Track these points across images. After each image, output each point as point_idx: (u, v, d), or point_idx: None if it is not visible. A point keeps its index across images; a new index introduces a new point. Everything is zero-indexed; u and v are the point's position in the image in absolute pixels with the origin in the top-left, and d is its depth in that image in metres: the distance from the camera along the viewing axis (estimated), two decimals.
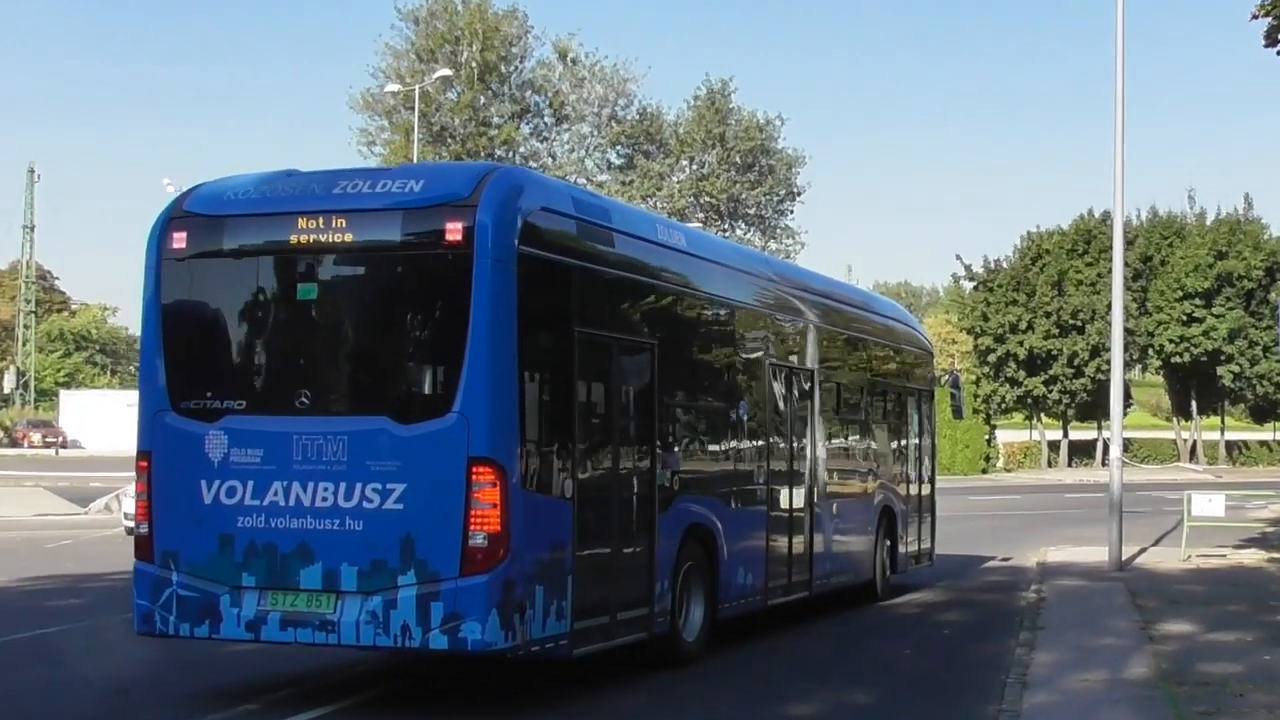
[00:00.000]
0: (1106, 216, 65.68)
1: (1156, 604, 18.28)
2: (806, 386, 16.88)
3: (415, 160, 55.29)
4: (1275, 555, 24.73)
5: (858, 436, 18.96)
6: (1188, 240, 70.68)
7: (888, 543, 19.67)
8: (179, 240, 11.44)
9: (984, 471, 65.17)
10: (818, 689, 13.14)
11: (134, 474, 11.62)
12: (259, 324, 11.49)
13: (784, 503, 15.95)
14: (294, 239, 11.05)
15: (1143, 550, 26.16)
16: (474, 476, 10.35)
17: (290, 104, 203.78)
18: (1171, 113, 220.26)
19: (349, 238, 10.94)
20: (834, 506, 17.58)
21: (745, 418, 15.04)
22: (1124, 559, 23.50)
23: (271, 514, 10.86)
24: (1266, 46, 17.62)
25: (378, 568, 10.50)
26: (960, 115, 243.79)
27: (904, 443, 20.75)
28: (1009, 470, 69.51)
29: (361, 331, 11.33)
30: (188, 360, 11.45)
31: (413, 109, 62.21)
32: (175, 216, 11.55)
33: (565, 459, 11.32)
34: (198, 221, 11.43)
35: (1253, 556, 25.15)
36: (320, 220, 10.99)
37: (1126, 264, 61.62)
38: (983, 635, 16.65)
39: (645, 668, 12.99)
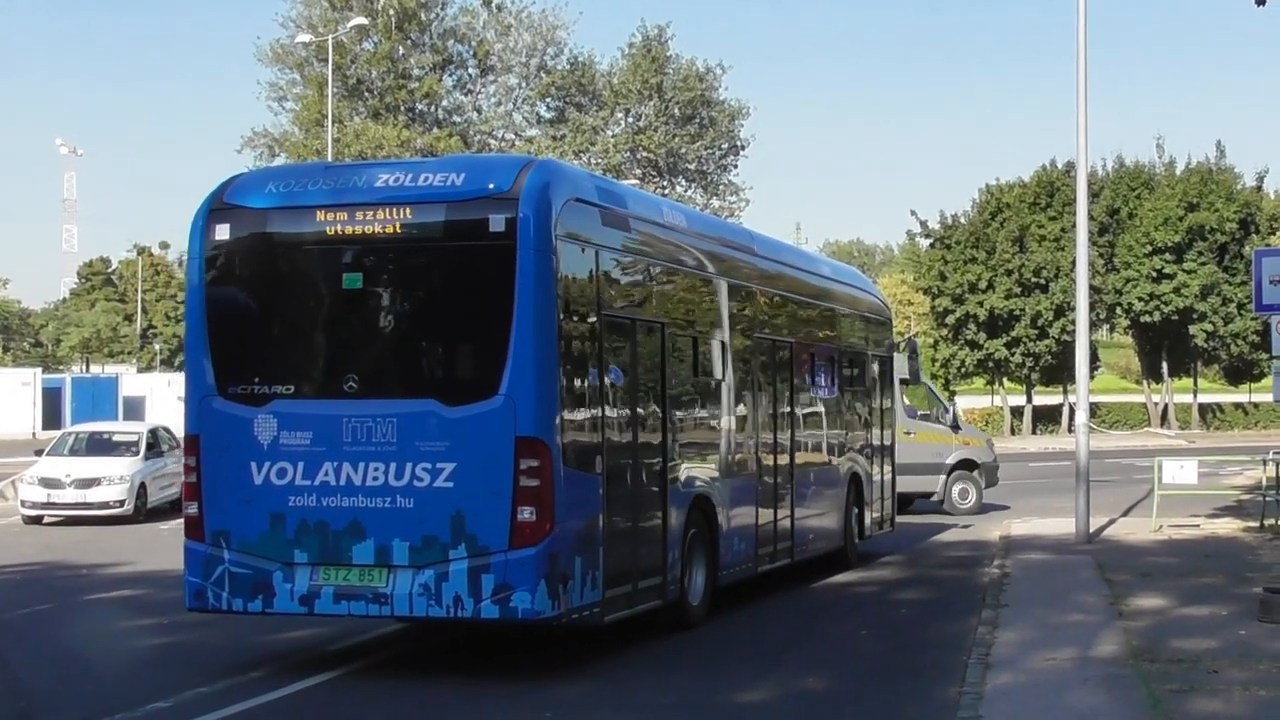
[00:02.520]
0: (1070, 167, 65.99)
1: (1126, 578, 18.49)
2: (787, 359, 18.40)
3: (330, 115, 54.87)
4: (1251, 524, 25.05)
5: (829, 406, 20.31)
6: (1156, 192, 71.14)
7: (855, 510, 21.07)
8: (221, 232, 12.73)
9: None
10: (767, 673, 13.23)
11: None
12: (305, 312, 12.83)
13: (770, 473, 17.52)
14: (339, 230, 12.39)
15: (1112, 521, 26.43)
16: (521, 455, 11.76)
17: (193, 57, 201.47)
18: (1138, 55, 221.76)
19: (394, 229, 12.29)
20: (811, 476, 19.22)
21: (737, 391, 16.51)
22: (1092, 531, 23.74)
23: (323, 493, 12.22)
24: (1259, 4, 17.80)
25: (429, 543, 11.92)
26: (914, 61, 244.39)
27: (867, 411, 22.25)
28: None
29: (408, 318, 12.66)
30: (234, 347, 12.72)
31: (326, 61, 61.71)
32: (215, 209, 12.81)
33: (596, 436, 12.80)
34: (240, 213, 12.73)
35: (1227, 526, 25.47)
36: (365, 213, 12.32)
37: (1092, 217, 62.06)
38: (943, 614, 16.81)
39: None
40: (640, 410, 13.89)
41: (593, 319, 12.96)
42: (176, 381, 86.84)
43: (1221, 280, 68.78)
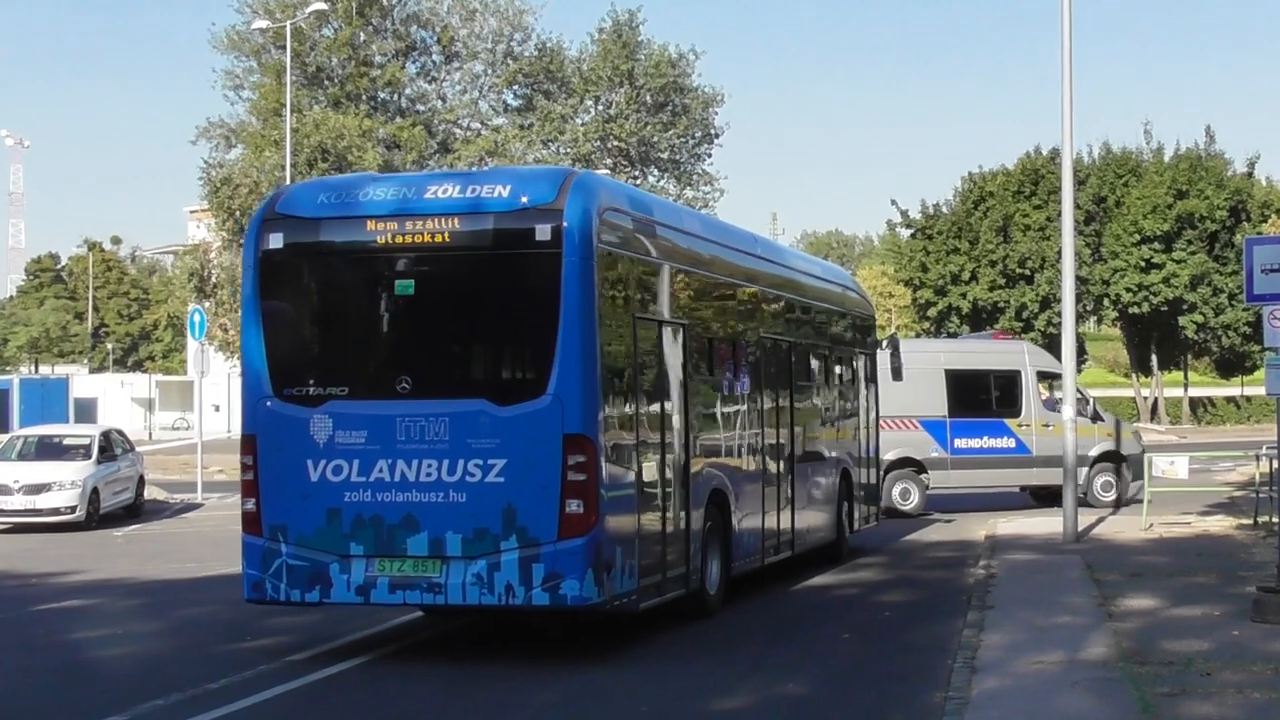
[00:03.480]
0: (1055, 154, 66.23)
1: (1116, 578, 18.54)
2: (788, 358, 19.60)
3: (289, 104, 54.70)
4: (1244, 522, 25.15)
5: (823, 403, 21.55)
6: (1144, 179, 71.44)
7: (846, 505, 22.09)
8: (275, 241, 13.80)
9: None
10: (745, 678, 13.21)
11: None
12: (358, 317, 14.08)
13: (774, 467, 18.66)
14: (391, 239, 13.50)
15: (1100, 520, 26.52)
16: (569, 451, 12.93)
17: (145, 44, 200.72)
18: (1124, 37, 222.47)
19: (444, 238, 13.40)
20: (809, 471, 20.34)
21: (746, 389, 17.71)
22: (1080, 529, 23.81)
23: (377, 489, 13.29)
24: None
25: (481, 535, 13.05)
26: (894, 46, 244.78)
27: (856, 408, 23.43)
28: None
29: (458, 323, 13.75)
30: (289, 350, 13.86)
31: (284, 48, 61.46)
32: (268, 219, 13.95)
33: (630, 434, 13.93)
34: (292, 223, 13.82)
35: (1220, 524, 25.56)
36: (415, 222, 13.43)
37: (1078, 206, 62.30)
38: (928, 616, 16.81)
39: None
40: (666, 408, 14.96)
41: (626, 322, 14.06)
42: (131, 382, 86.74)
43: (1212, 270, 69.08)
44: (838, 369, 22.33)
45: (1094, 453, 29.66)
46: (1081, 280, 63.95)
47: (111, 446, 31.26)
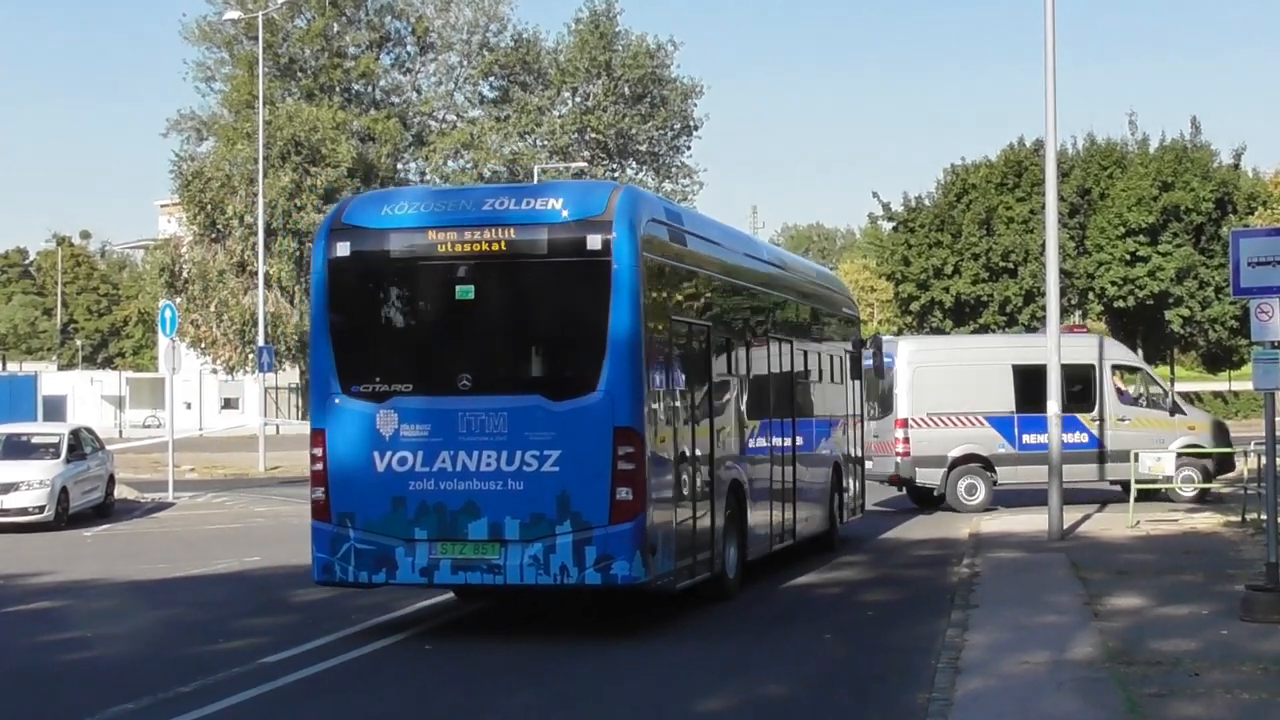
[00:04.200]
0: (1038, 146, 66.28)
1: (1102, 576, 18.56)
2: (790, 356, 21.20)
3: (261, 96, 54.58)
4: (1232, 519, 25.20)
5: (819, 400, 23.05)
6: (1129, 170, 71.50)
7: (836, 496, 23.47)
8: (342, 249, 15.18)
9: None
10: (725, 680, 13.20)
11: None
12: (421, 320, 15.54)
13: (780, 461, 20.11)
14: (453, 248, 14.91)
15: (1086, 517, 26.56)
16: (619, 443, 14.33)
17: (114, 34, 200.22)
18: (1109, 27, 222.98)
19: (501, 247, 14.81)
20: (808, 463, 21.75)
21: (758, 386, 19.36)
22: (1065, 527, 23.84)
23: (440, 478, 14.66)
24: None
25: (537, 520, 14.39)
26: (875, 35, 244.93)
27: (845, 405, 24.90)
28: None
29: (515, 324, 15.26)
30: (355, 350, 15.21)
31: (256, 39, 61.26)
32: (335, 228, 15.35)
33: (669, 426, 15.41)
34: (359, 233, 15.22)
35: (1207, 521, 25.62)
36: (474, 232, 14.85)
37: (1062, 198, 62.34)
38: (910, 616, 16.81)
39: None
40: (696, 404, 16.45)
41: (665, 323, 15.54)
42: (101, 380, 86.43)
43: (1198, 263, 69.17)
44: (830, 367, 23.83)
45: (1173, 447, 28.90)
46: (1066, 274, 64.03)
47: (81, 445, 31.10)
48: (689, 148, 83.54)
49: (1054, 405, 24.08)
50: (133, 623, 17.09)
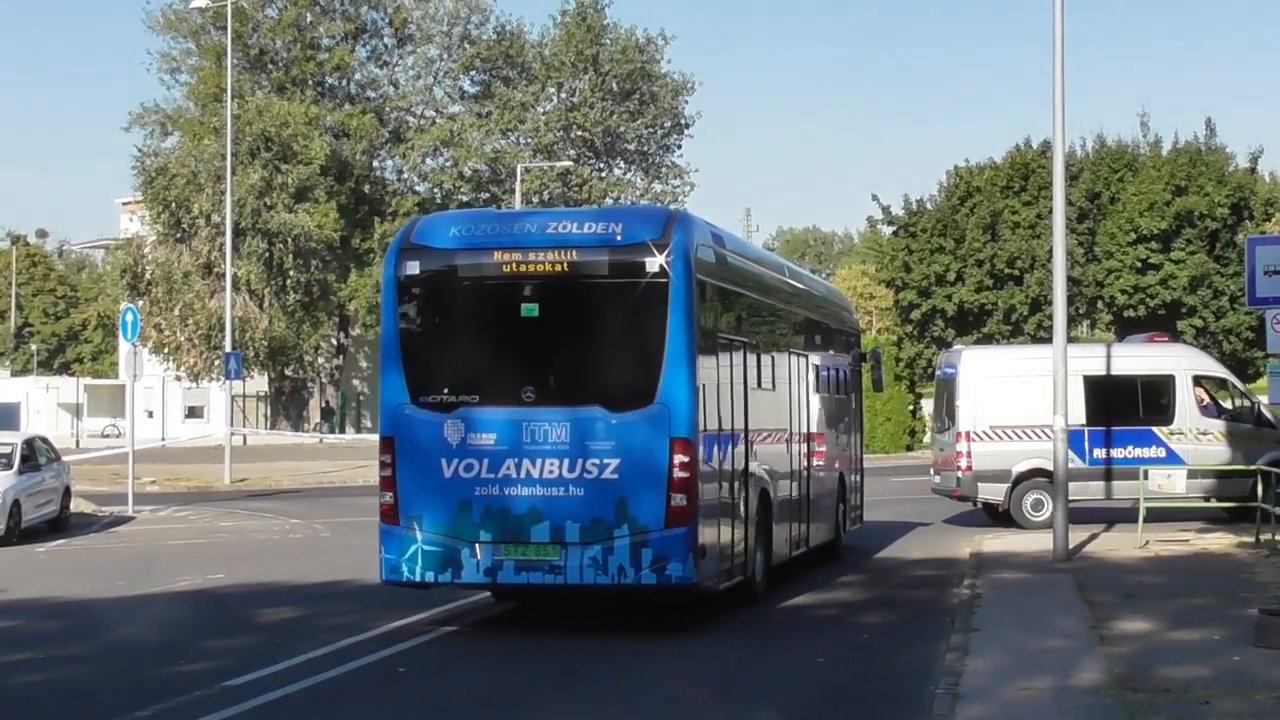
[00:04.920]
0: (1046, 147, 66.40)
1: (1109, 599, 18.58)
2: (806, 371, 22.90)
3: (229, 89, 54.55)
4: (1246, 540, 25.23)
5: (828, 412, 24.53)
6: (1141, 174, 71.64)
7: (841, 507, 25.13)
8: (411, 268, 16.79)
9: (909, 448, 65.80)
10: (715, 704, 13.22)
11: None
12: (487, 334, 17.01)
13: (797, 471, 21.89)
14: (518, 269, 16.49)
15: (1093, 536, 26.57)
16: (675, 452, 15.97)
17: (72, 21, 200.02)
18: (1120, 23, 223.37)
19: (564, 268, 16.45)
20: (820, 474, 23.46)
21: (782, 399, 21.15)
22: (1071, 547, 23.83)
23: (504, 484, 16.21)
24: None
25: (597, 524, 16.01)
26: (876, 31, 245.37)
27: (847, 416, 26.47)
28: None
29: (577, 340, 16.76)
30: (424, 363, 16.77)
31: (224, 29, 61.16)
32: (405, 248, 16.94)
33: (714, 437, 17.06)
34: (426, 252, 16.81)
35: (1219, 541, 25.65)
36: (541, 254, 16.47)
37: (1070, 203, 62.24)
38: (909, 638, 16.83)
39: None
40: (735, 416, 18.16)
41: (712, 340, 17.32)
42: (57, 387, 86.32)
43: (1212, 271, 69.28)
44: (838, 380, 25.67)
45: (1263, 462, 27.75)
46: (1074, 281, 64.11)
47: (35, 455, 31.02)
48: (679, 147, 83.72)
49: (1059, 420, 24.10)
50: (89, 644, 17.07)
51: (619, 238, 16.48)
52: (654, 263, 16.23)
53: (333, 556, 25.75)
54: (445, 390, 16.60)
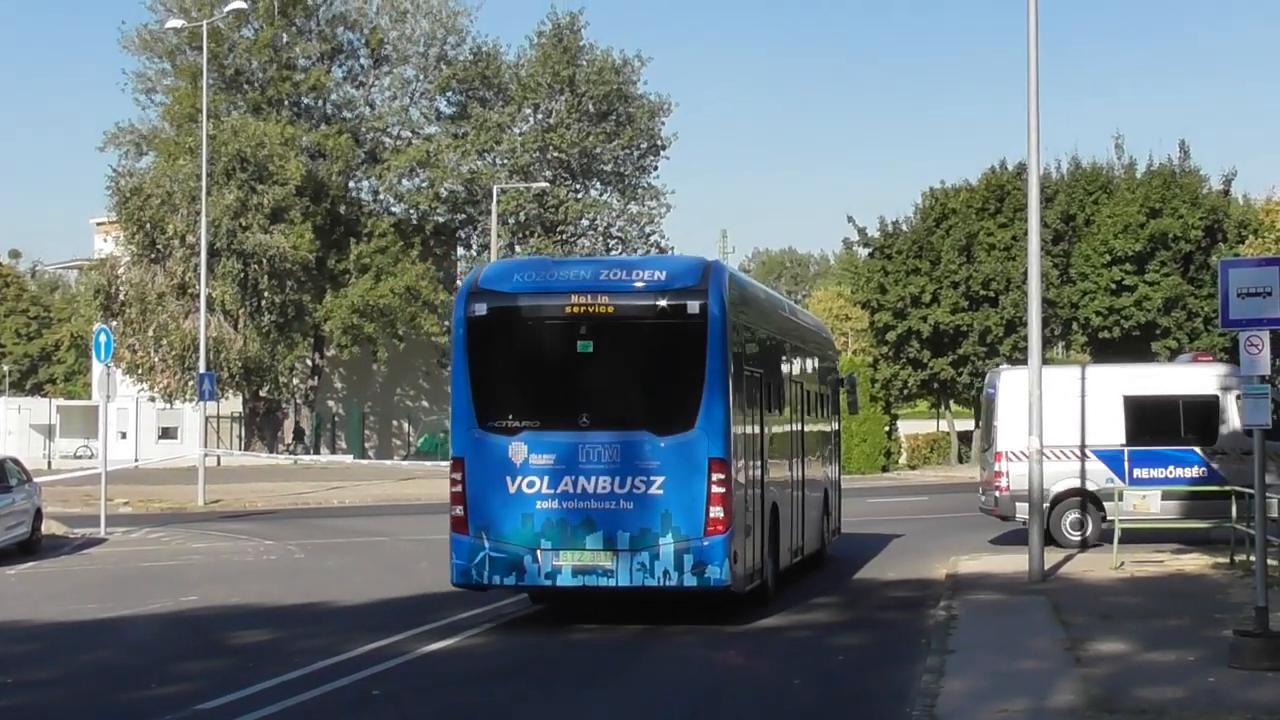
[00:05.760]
0: (1021, 169, 66.60)
1: (1085, 620, 18.60)
2: (801, 396, 25.20)
3: (205, 109, 54.42)
4: (1220, 560, 25.28)
5: (816, 431, 26.92)
6: (1115, 196, 71.89)
7: (826, 519, 27.47)
8: (479, 309, 18.98)
9: (884, 469, 65.94)
10: None
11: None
12: (547, 367, 19.28)
13: (796, 487, 24.08)
14: (574, 310, 18.80)
15: (1069, 558, 26.62)
16: (713, 470, 18.27)
17: (46, 41, 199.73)
18: (1094, 45, 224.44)
19: (614, 310, 18.74)
20: (811, 489, 25.65)
21: (785, 423, 23.49)
22: (1047, 568, 23.88)
23: (563, 498, 18.45)
24: None
25: (644, 533, 18.27)
26: (852, 54, 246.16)
27: (831, 437, 29.14)
28: (914, 467, 70.28)
29: (626, 372, 19.17)
30: (490, 392, 18.98)
31: (200, 49, 61.22)
32: (473, 292, 19.16)
33: (741, 457, 19.38)
34: (494, 295, 19.06)
35: (1195, 562, 25.69)
36: (594, 298, 18.76)
37: (1045, 224, 62.48)
38: (884, 660, 16.82)
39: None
40: (754, 438, 20.51)
41: (739, 370, 19.37)
42: (29, 408, 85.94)
43: (1186, 293, 69.54)
44: (824, 404, 28.16)
45: None
46: (1049, 303, 64.30)
47: (6, 477, 30.84)
48: (656, 168, 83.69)
49: (1035, 441, 24.15)
50: (60, 668, 16.98)
51: (663, 283, 18.78)
52: (694, 305, 18.55)
53: (307, 578, 25.67)
54: (510, 416, 18.81)
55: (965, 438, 73.86)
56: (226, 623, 20.04)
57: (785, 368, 23.88)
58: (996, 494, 29.20)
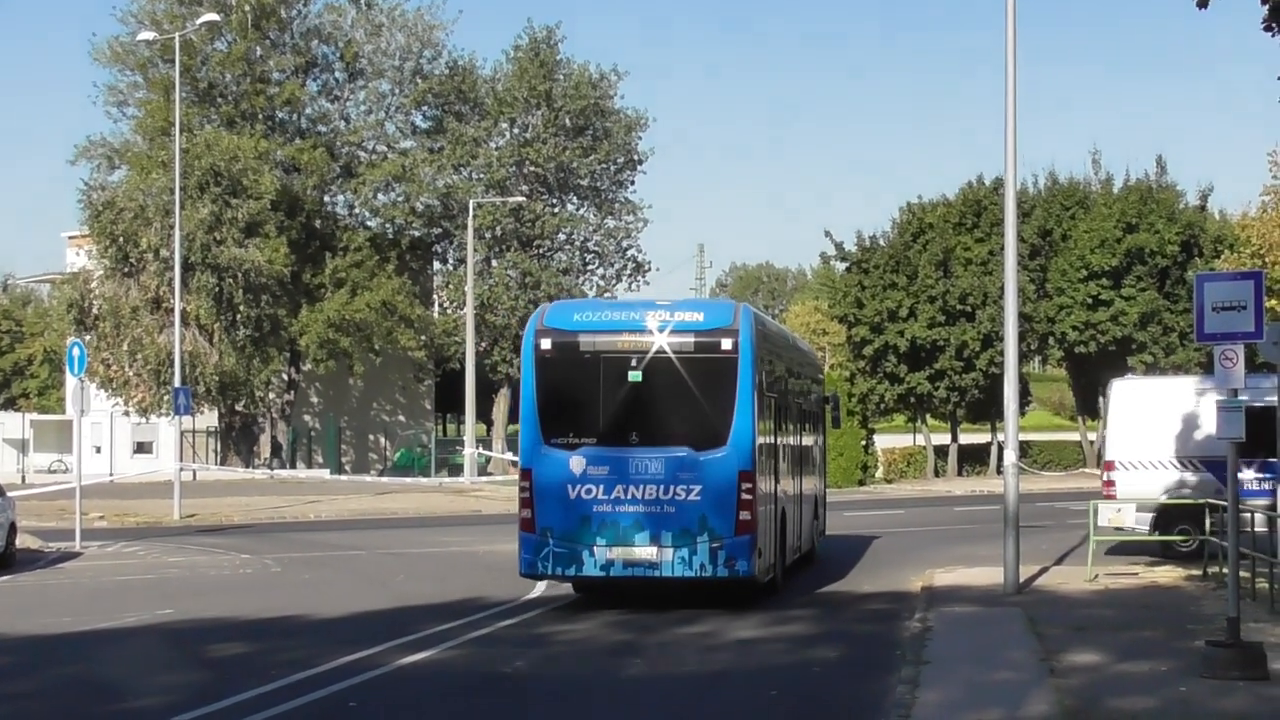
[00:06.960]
0: (998, 184, 66.80)
1: (1059, 631, 18.72)
2: (798, 412, 28.25)
3: (178, 123, 54.33)
4: (1194, 572, 25.43)
5: (809, 442, 30.04)
6: (1092, 211, 72.12)
7: (816, 522, 30.45)
8: (546, 345, 22.32)
9: (861, 483, 65.94)
10: None
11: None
12: (603, 394, 22.40)
13: (796, 492, 27.20)
14: (626, 346, 22.18)
15: (1044, 570, 26.73)
16: (742, 481, 21.61)
17: (14, 52, 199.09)
18: (1072, 61, 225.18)
19: (661, 346, 22.02)
20: (807, 495, 28.87)
21: (789, 436, 26.56)
22: (1022, 581, 24.00)
23: (616, 504, 21.70)
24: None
25: (684, 533, 21.55)
26: (830, 69, 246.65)
27: (819, 449, 32.16)
28: (890, 481, 70.24)
29: (671, 399, 22.23)
30: (555, 414, 22.21)
31: (172, 62, 61.04)
32: (540, 330, 22.46)
33: (762, 470, 22.50)
34: (558, 333, 22.43)
35: (1168, 574, 25.85)
36: (642, 336, 22.13)
37: (1022, 239, 62.51)
38: (860, 672, 16.92)
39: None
40: (770, 453, 23.77)
41: (761, 396, 22.55)
42: (3, 422, 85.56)
43: (1162, 308, 69.81)
44: (815, 421, 31.17)
45: None
46: (1025, 318, 64.45)
47: None
48: (633, 182, 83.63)
49: (1010, 454, 24.29)
50: (34, 681, 16.99)
51: (700, 324, 22.20)
52: (727, 342, 21.94)
53: (284, 592, 25.70)
54: (571, 434, 22.07)
55: (941, 452, 74.00)
56: (203, 636, 20.07)
57: (791, 391, 27.05)
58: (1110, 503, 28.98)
